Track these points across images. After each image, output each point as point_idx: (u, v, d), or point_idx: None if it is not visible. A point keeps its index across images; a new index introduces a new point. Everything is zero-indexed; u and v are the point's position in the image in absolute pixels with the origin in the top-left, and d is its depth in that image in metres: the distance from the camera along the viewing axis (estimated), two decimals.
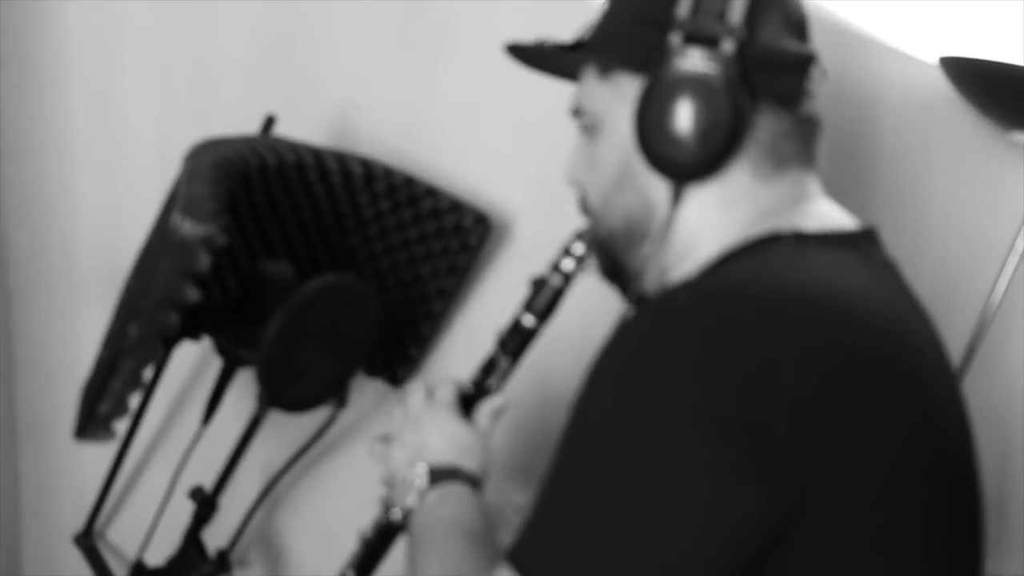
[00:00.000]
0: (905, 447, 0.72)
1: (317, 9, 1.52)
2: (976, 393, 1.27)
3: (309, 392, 1.38)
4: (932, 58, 1.23)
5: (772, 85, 0.82)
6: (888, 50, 1.28)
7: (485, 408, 1.08)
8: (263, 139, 1.34)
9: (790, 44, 0.84)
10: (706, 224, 0.84)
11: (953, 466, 0.78)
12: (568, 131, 1.39)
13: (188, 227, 1.04)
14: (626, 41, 0.86)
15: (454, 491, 0.97)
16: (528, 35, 1.25)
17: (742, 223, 0.83)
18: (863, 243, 0.84)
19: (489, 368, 1.10)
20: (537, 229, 1.49)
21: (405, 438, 1.04)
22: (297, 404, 1.38)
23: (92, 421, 1.11)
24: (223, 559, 1.57)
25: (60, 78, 1.66)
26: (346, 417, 1.58)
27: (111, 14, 1.62)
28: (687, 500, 0.67)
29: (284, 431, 1.57)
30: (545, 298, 1.07)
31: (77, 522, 1.70)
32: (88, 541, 1.68)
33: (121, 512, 1.82)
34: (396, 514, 1.01)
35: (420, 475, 0.98)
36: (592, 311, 1.13)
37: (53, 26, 1.63)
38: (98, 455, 1.55)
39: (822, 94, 0.87)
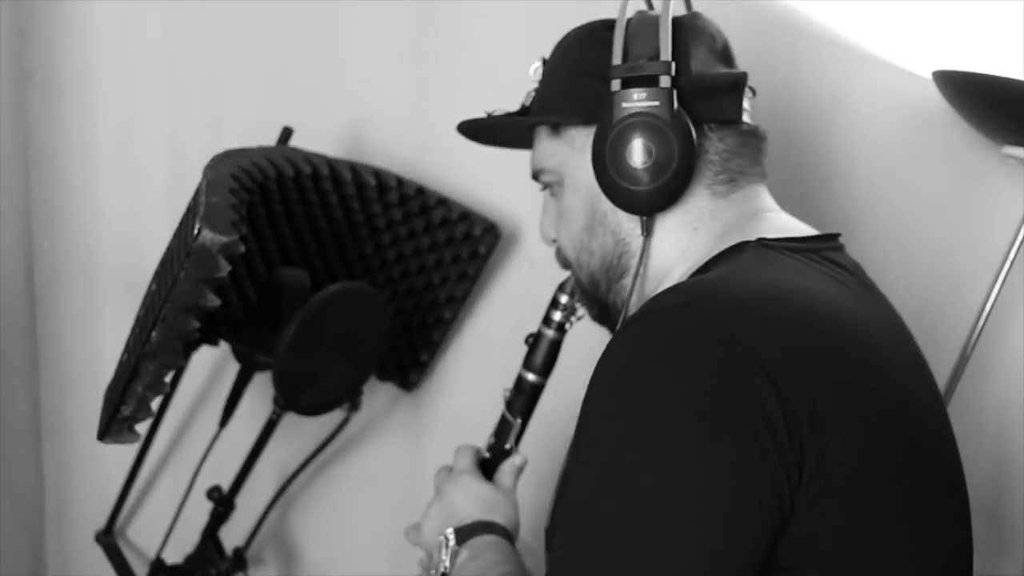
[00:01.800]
0: (886, 428, 0.74)
1: (333, 25, 1.53)
2: (970, 401, 1.28)
3: (323, 396, 1.40)
4: (925, 71, 1.22)
5: (712, 108, 0.86)
6: (881, 63, 1.27)
7: (506, 468, 1.10)
8: (280, 150, 1.35)
9: (719, 70, 0.89)
10: (675, 246, 0.88)
11: (932, 446, 0.79)
12: None
13: (208, 236, 1.04)
14: (571, 98, 0.91)
15: (485, 542, 0.98)
16: (537, 49, 1.25)
17: (708, 240, 0.87)
18: (825, 247, 0.86)
19: (502, 431, 1.11)
20: None
21: (431, 512, 1.07)
22: (312, 408, 1.40)
23: (115, 423, 1.10)
24: (239, 557, 1.59)
25: (84, 91, 1.68)
26: (359, 420, 1.60)
27: (133, 29, 1.64)
28: (708, 494, 0.67)
29: (299, 433, 1.58)
30: (543, 353, 1.09)
31: (98, 521, 1.71)
32: (109, 539, 1.69)
33: (141, 511, 1.82)
34: None
35: (448, 536, 1.00)
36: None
37: (79, 41, 1.65)
38: (119, 456, 1.55)
39: (758, 107, 0.92)
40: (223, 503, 1.54)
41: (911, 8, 1.25)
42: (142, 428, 1.15)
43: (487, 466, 1.11)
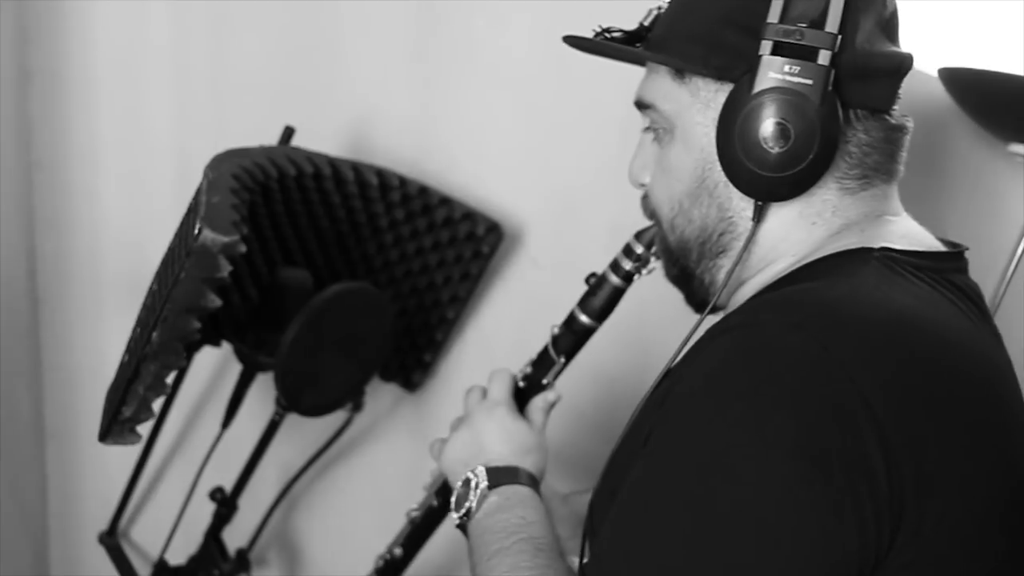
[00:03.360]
0: (988, 491, 0.67)
1: (335, 24, 1.53)
2: None
3: (326, 396, 1.40)
4: (931, 69, 1.21)
5: (865, 93, 0.76)
6: None
7: (538, 403, 1.04)
8: (282, 150, 1.35)
9: (884, 47, 0.78)
10: (786, 238, 0.79)
11: None
12: (575, 143, 1.42)
13: (208, 236, 1.03)
14: (706, 43, 0.78)
15: (517, 495, 0.92)
16: (539, 51, 1.25)
17: (822, 236, 0.79)
18: (951, 267, 0.79)
19: (542, 364, 1.06)
20: (548, 237, 1.50)
21: (459, 437, 1.00)
22: (314, 408, 1.40)
23: (116, 424, 1.10)
24: (242, 558, 1.59)
25: (86, 91, 1.68)
26: (362, 420, 1.60)
27: (135, 30, 1.64)
28: (787, 537, 0.62)
29: (301, 434, 1.59)
30: (603, 298, 1.02)
31: (101, 522, 1.71)
32: (112, 540, 1.69)
33: (144, 512, 1.83)
34: (454, 515, 0.96)
35: (479, 476, 0.94)
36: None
37: (80, 42, 1.65)
38: (122, 457, 1.55)
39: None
40: (226, 504, 1.54)
41: (917, 5, 1.24)
42: (144, 429, 1.15)
43: (520, 396, 1.05)
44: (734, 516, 0.63)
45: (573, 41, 0.88)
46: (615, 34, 0.86)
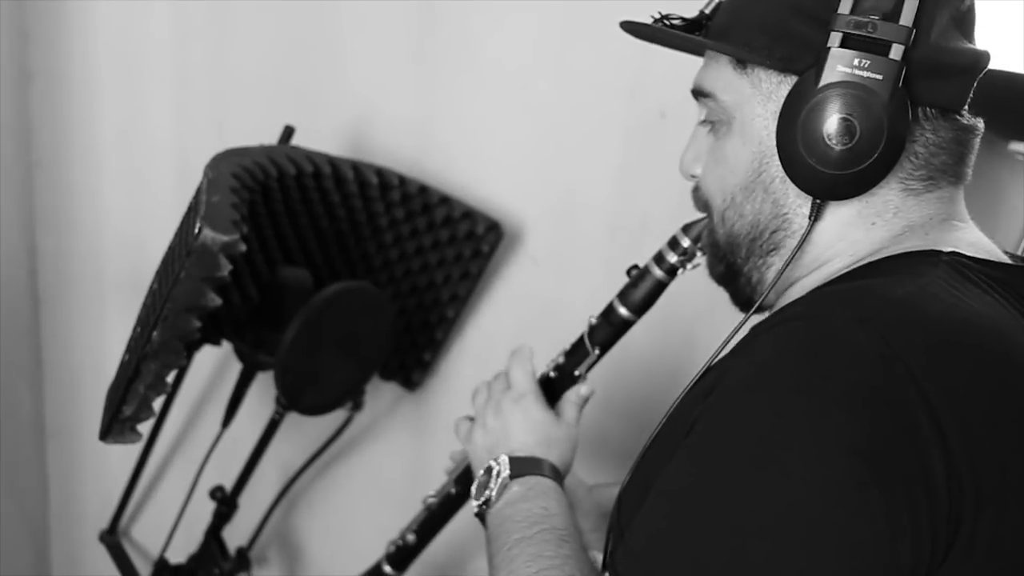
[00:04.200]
0: None
1: (335, 23, 1.53)
2: None
3: (326, 395, 1.40)
4: None
5: (936, 91, 0.72)
6: None
7: (571, 396, 1.00)
8: (281, 149, 1.35)
9: (959, 44, 0.74)
10: (843, 238, 0.76)
11: None
12: (574, 142, 1.42)
13: (208, 235, 1.03)
14: (770, 32, 0.74)
15: (540, 486, 0.89)
16: (540, 49, 1.24)
17: (883, 238, 0.75)
18: (1020, 281, 0.74)
19: (575, 355, 1.02)
20: (548, 236, 1.49)
21: (487, 421, 0.98)
22: (314, 407, 1.40)
23: (117, 423, 1.11)
24: (242, 557, 1.59)
25: (87, 91, 1.68)
26: (362, 419, 1.60)
27: (135, 30, 1.64)
28: (836, 541, 0.59)
29: (302, 433, 1.59)
30: (644, 291, 0.98)
31: (102, 521, 1.72)
32: (113, 539, 1.70)
33: (144, 511, 1.83)
34: (473, 503, 0.92)
35: (501, 464, 0.91)
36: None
37: (80, 42, 1.65)
38: (122, 456, 1.56)
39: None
40: (226, 503, 1.55)
41: None
42: (145, 428, 1.15)
43: (550, 386, 1.01)
44: (782, 513, 0.60)
45: (631, 27, 0.84)
46: (675, 21, 0.82)
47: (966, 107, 0.76)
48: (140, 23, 1.63)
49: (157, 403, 1.13)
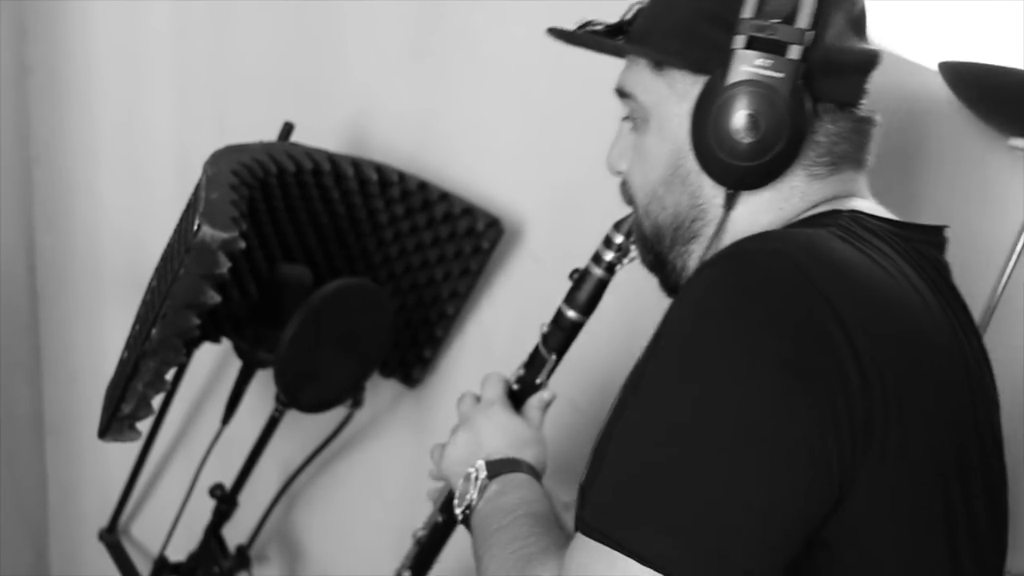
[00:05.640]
0: (945, 429, 0.71)
1: (334, 19, 1.53)
2: None
3: (326, 393, 1.40)
4: (931, 63, 1.20)
5: (834, 87, 0.79)
6: (887, 54, 1.24)
7: (534, 402, 1.06)
8: (281, 146, 1.35)
9: (854, 44, 0.81)
10: (755, 224, 0.82)
11: (984, 458, 0.76)
12: (574, 138, 1.42)
13: (207, 232, 1.03)
14: (683, 37, 0.81)
15: (515, 480, 0.94)
16: (539, 46, 1.24)
17: (791, 216, 0.81)
18: (921, 239, 0.81)
19: (534, 365, 1.07)
20: (548, 232, 1.49)
21: (457, 439, 1.02)
22: (314, 404, 1.40)
23: (116, 421, 1.11)
24: (242, 554, 1.60)
25: (85, 87, 1.68)
26: (362, 416, 1.60)
27: (134, 25, 1.64)
28: (775, 447, 0.64)
29: (301, 430, 1.58)
30: (588, 291, 1.03)
31: (101, 519, 1.72)
32: (112, 537, 1.70)
33: (144, 509, 1.83)
34: (456, 510, 0.96)
35: (479, 469, 0.95)
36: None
37: (79, 37, 1.65)
38: (122, 454, 1.56)
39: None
40: (226, 501, 1.55)
41: (918, 0, 1.24)
42: (144, 426, 1.15)
43: (515, 398, 1.06)
44: (724, 418, 0.65)
45: (557, 33, 0.91)
46: (597, 27, 0.89)
47: (863, 100, 0.82)
48: (140, 18, 1.63)
49: (156, 401, 1.13)
